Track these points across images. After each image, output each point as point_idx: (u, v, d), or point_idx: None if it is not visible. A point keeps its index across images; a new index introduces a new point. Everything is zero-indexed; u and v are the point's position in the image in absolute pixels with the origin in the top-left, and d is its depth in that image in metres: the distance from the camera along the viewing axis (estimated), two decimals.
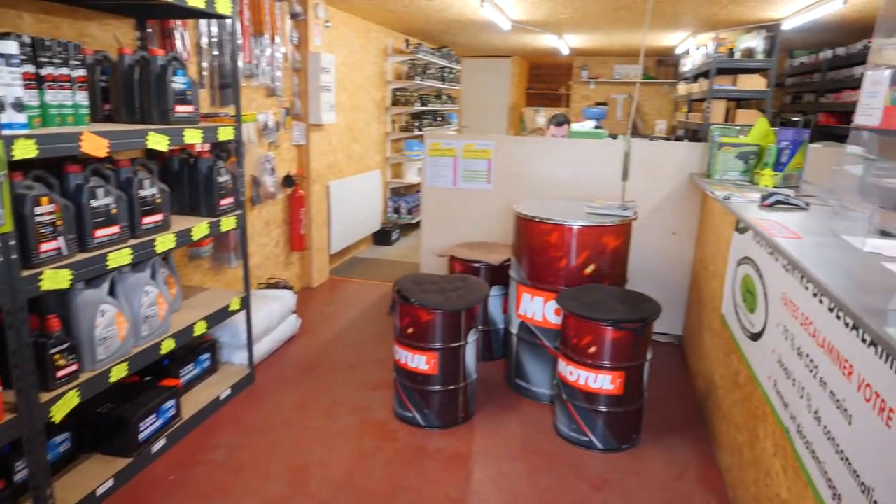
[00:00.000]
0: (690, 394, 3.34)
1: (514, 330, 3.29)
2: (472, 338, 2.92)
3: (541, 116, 7.40)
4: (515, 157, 4.10)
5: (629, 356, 2.68)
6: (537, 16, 5.33)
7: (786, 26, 5.08)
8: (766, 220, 2.21)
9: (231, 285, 4.01)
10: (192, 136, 2.65)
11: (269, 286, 4.34)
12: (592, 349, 2.69)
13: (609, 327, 2.64)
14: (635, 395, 2.75)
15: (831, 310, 1.60)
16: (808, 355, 1.75)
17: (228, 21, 3.34)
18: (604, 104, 9.45)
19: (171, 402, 2.73)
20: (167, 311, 2.64)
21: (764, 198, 2.57)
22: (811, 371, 1.71)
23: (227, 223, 2.97)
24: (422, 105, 6.88)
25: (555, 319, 3.08)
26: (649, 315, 2.68)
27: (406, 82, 6.85)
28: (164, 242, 2.52)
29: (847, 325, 1.50)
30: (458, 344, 2.85)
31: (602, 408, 2.72)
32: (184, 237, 2.66)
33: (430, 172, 4.23)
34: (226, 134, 2.89)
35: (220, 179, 2.91)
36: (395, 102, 6.75)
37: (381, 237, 6.59)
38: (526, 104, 11.09)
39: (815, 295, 1.73)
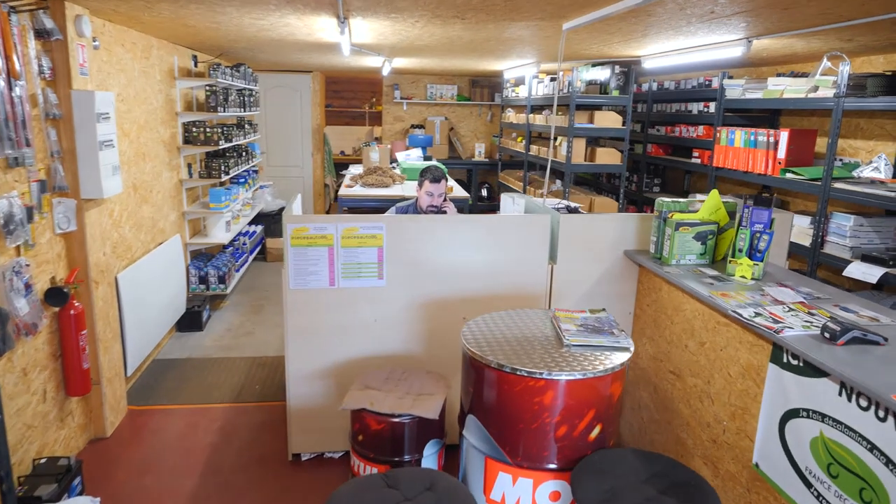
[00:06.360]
0: None
1: None
2: None
3: (374, 152, 6.30)
4: (412, 242, 3.05)
5: None
6: (391, 41, 4.30)
7: (646, 64, 4.81)
8: None
9: None
10: None
11: (39, 476, 2.67)
12: None
13: None
14: None
15: None
16: None
17: None
18: (421, 126, 8.71)
19: None
20: None
21: (834, 334, 1.96)
22: None
23: None
24: (227, 141, 5.34)
25: None
26: None
27: (203, 114, 5.24)
28: None
29: None
30: None
31: None
32: None
33: (295, 270, 2.96)
34: None
35: None
36: (188, 140, 5.12)
37: (189, 321, 4.94)
38: (326, 124, 9.88)
39: None
